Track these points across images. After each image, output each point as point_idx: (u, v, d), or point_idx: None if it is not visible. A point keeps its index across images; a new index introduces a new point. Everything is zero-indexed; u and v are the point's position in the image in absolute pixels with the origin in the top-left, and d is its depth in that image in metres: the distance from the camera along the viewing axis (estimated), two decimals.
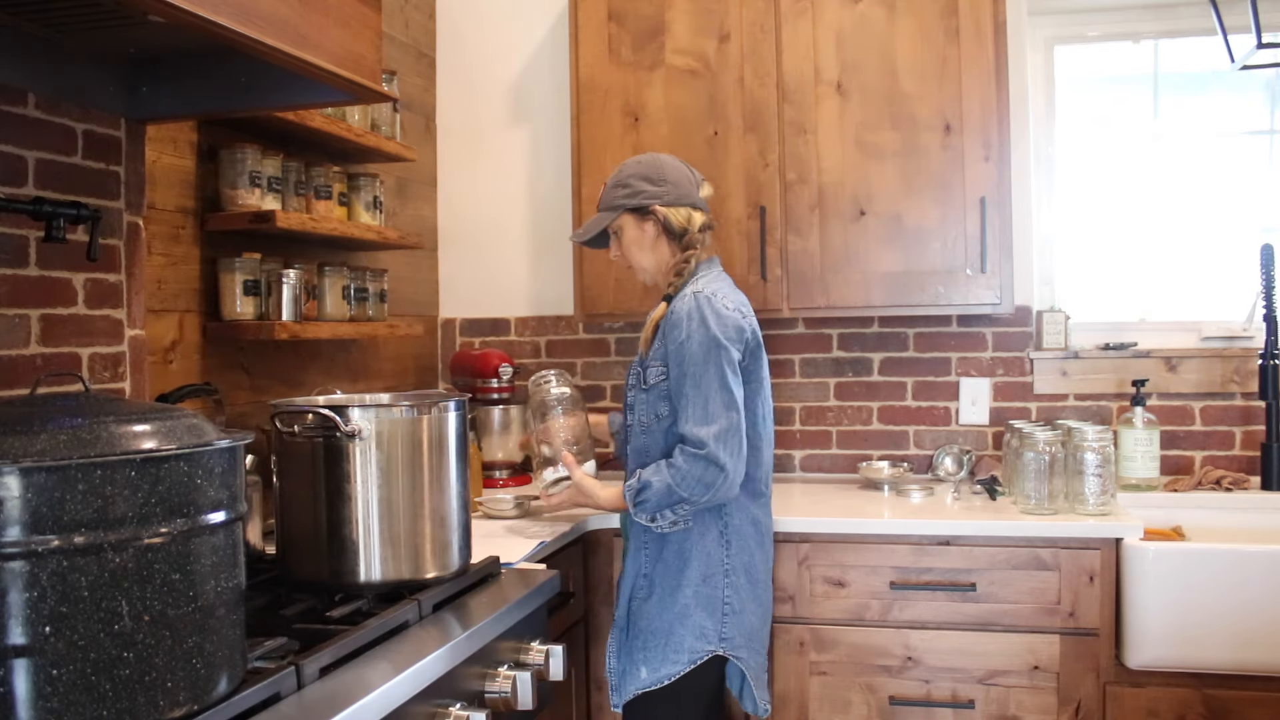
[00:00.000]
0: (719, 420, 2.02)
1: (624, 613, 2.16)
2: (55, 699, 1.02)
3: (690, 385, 2.03)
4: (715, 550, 2.10)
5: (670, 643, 2.07)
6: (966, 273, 2.65)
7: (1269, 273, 2.70)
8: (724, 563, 2.10)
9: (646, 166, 2.20)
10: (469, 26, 3.30)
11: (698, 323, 2.04)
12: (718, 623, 2.08)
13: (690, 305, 2.07)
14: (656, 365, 2.10)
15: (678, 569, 2.09)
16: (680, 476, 2.01)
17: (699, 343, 2.03)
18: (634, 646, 2.12)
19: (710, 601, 2.08)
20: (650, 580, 2.12)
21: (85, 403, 1.14)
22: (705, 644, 2.07)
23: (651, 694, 2.08)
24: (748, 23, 2.74)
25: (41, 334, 1.69)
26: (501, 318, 3.31)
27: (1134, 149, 3.07)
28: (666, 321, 2.10)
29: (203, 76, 1.80)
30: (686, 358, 2.04)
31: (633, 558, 2.17)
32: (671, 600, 2.09)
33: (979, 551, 2.38)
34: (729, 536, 2.11)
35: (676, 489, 2.01)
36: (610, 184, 2.22)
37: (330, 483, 1.66)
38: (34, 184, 1.67)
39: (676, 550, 2.10)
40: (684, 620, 2.07)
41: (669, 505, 2.04)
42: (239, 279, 2.18)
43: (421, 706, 1.42)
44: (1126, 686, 2.32)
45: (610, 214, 2.20)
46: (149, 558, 1.08)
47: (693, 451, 2.01)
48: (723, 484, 2.01)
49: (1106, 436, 2.46)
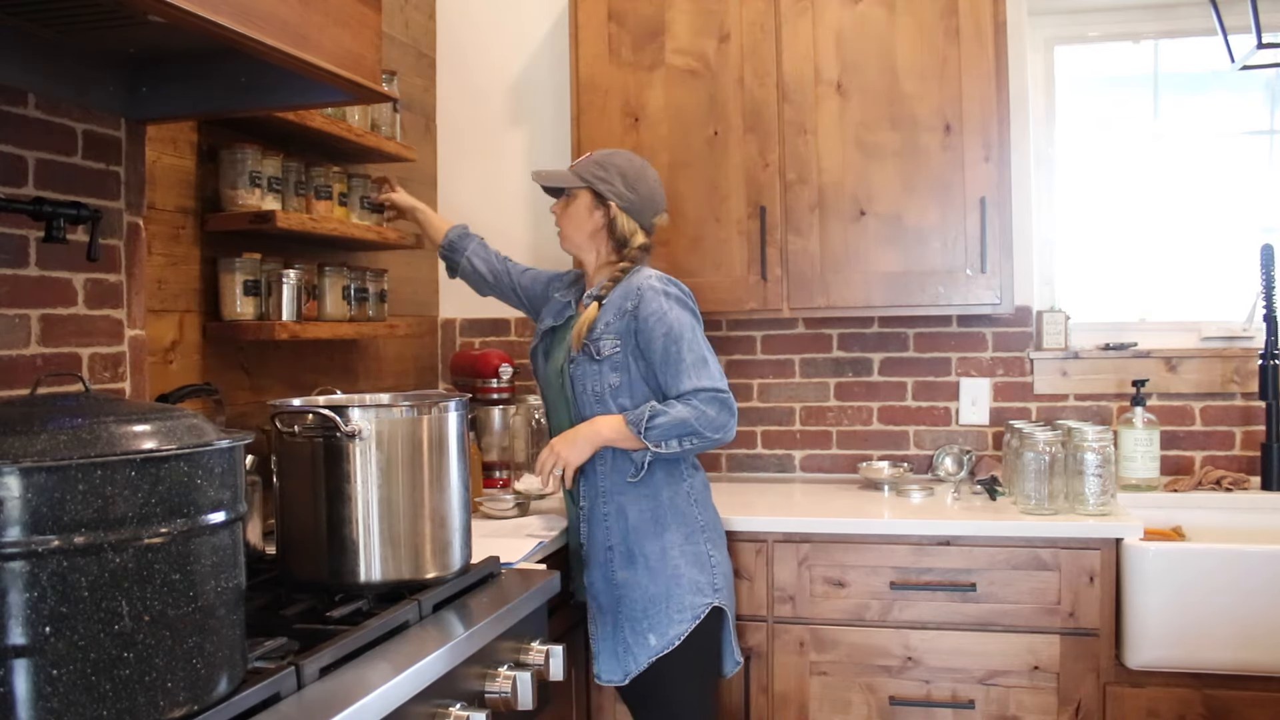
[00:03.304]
0: (721, 376, 2.16)
1: (604, 587, 2.19)
2: (55, 699, 1.02)
3: (685, 348, 2.14)
4: (687, 510, 2.20)
5: (671, 603, 2.14)
6: (966, 273, 2.65)
7: (1269, 273, 2.70)
8: (698, 519, 2.21)
9: (631, 166, 2.28)
10: (469, 26, 3.30)
11: (675, 296, 2.19)
12: (709, 575, 2.18)
13: (654, 284, 2.19)
14: (610, 338, 2.17)
15: (656, 534, 2.17)
16: (698, 414, 2.10)
17: (679, 313, 2.16)
18: (634, 617, 2.15)
19: (697, 558, 2.18)
20: (624, 551, 2.17)
21: (85, 403, 1.14)
22: (703, 597, 2.16)
23: (662, 661, 2.13)
24: (748, 23, 2.74)
25: (41, 334, 1.69)
26: (501, 318, 3.31)
27: (1134, 149, 3.06)
28: (625, 301, 2.18)
29: (203, 76, 1.80)
30: (672, 326, 2.14)
31: (594, 530, 2.21)
32: (661, 565, 2.15)
33: (979, 551, 2.38)
34: (694, 496, 2.23)
35: (693, 422, 2.10)
36: (595, 158, 2.29)
37: (330, 483, 1.66)
38: (34, 184, 1.67)
39: (650, 517, 2.17)
40: (678, 580, 2.15)
41: (681, 435, 2.11)
42: (239, 279, 2.18)
43: (421, 706, 1.42)
44: (1126, 687, 2.32)
45: (576, 180, 2.28)
46: (149, 558, 1.08)
47: (710, 395, 2.11)
48: (730, 428, 2.14)
49: (1106, 436, 2.46)
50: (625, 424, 2.13)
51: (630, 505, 2.18)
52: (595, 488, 2.21)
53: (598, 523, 2.21)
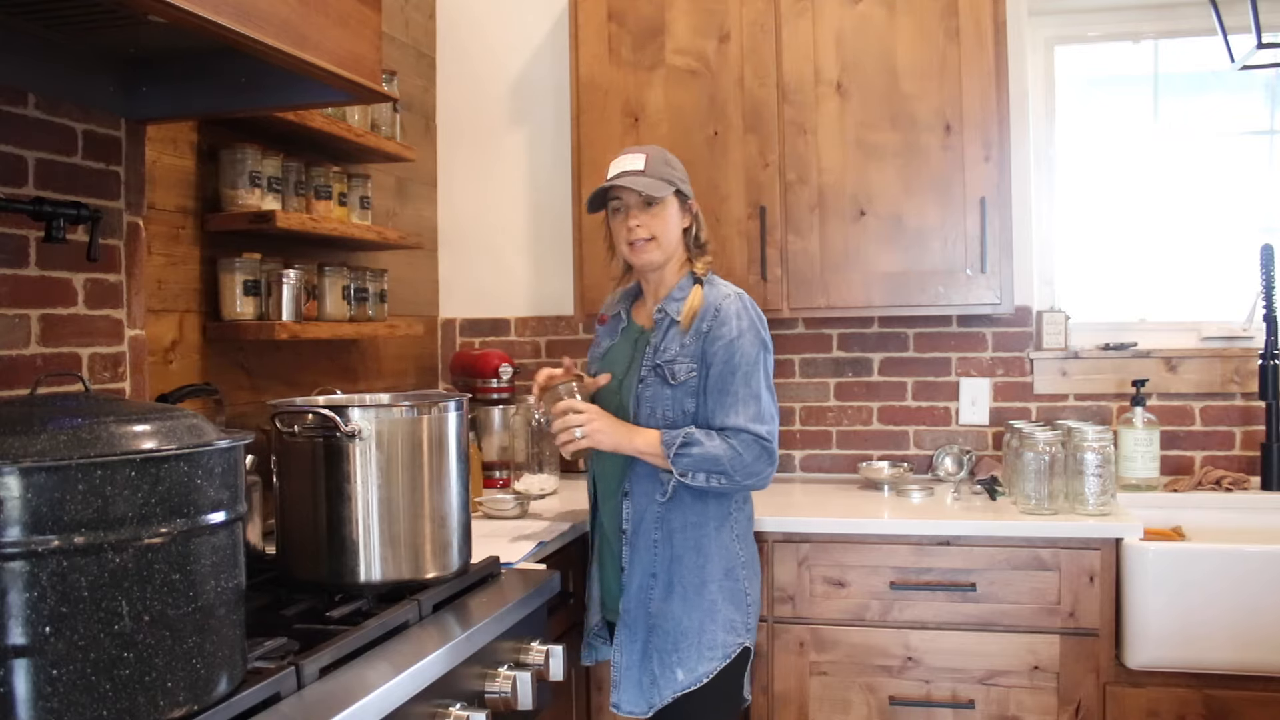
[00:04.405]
0: (773, 419, 2.08)
1: (639, 614, 2.11)
2: (55, 699, 1.02)
3: (740, 382, 2.05)
4: (731, 545, 2.12)
5: (704, 640, 2.07)
6: (966, 273, 2.65)
7: (1269, 273, 2.70)
8: (740, 555, 2.13)
9: (674, 158, 2.19)
10: (469, 26, 3.30)
11: (748, 323, 2.09)
12: (744, 615, 2.11)
13: (738, 306, 2.10)
14: (685, 362, 2.08)
15: (698, 566, 2.09)
16: (733, 455, 2.02)
17: (750, 342, 2.08)
18: (663, 649, 2.08)
19: (734, 595, 2.11)
20: (665, 580, 2.09)
21: (85, 403, 1.14)
22: (735, 637, 2.09)
23: (685, 697, 2.06)
24: (748, 23, 2.74)
25: (41, 334, 1.69)
26: (501, 318, 3.31)
27: (1134, 149, 3.06)
28: (700, 322, 2.09)
29: (203, 76, 1.80)
30: (738, 354, 2.06)
31: (640, 555, 2.12)
32: (698, 598, 2.08)
33: (979, 551, 2.38)
34: (738, 532, 2.15)
35: (725, 462, 2.01)
36: (659, 159, 2.13)
37: (330, 483, 1.66)
38: (34, 184, 1.67)
39: (694, 548, 2.09)
40: (713, 616, 2.08)
41: (710, 471, 2.02)
42: (239, 279, 2.18)
43: (421, 707, 1.42)
44: (1126, 686, 2.32)
45: (669, 185, 2.12)
46: (149, 558, 1.08)
47: (752, 438, 2.03)
48: (765, 477, 2.06)
49: (1106, 436, 2.46)
50: (659, 442, 2.04)
51: (677, 533, 2.09)
52: (643, 510, 2.12)
53: (644, 548, 2.11)
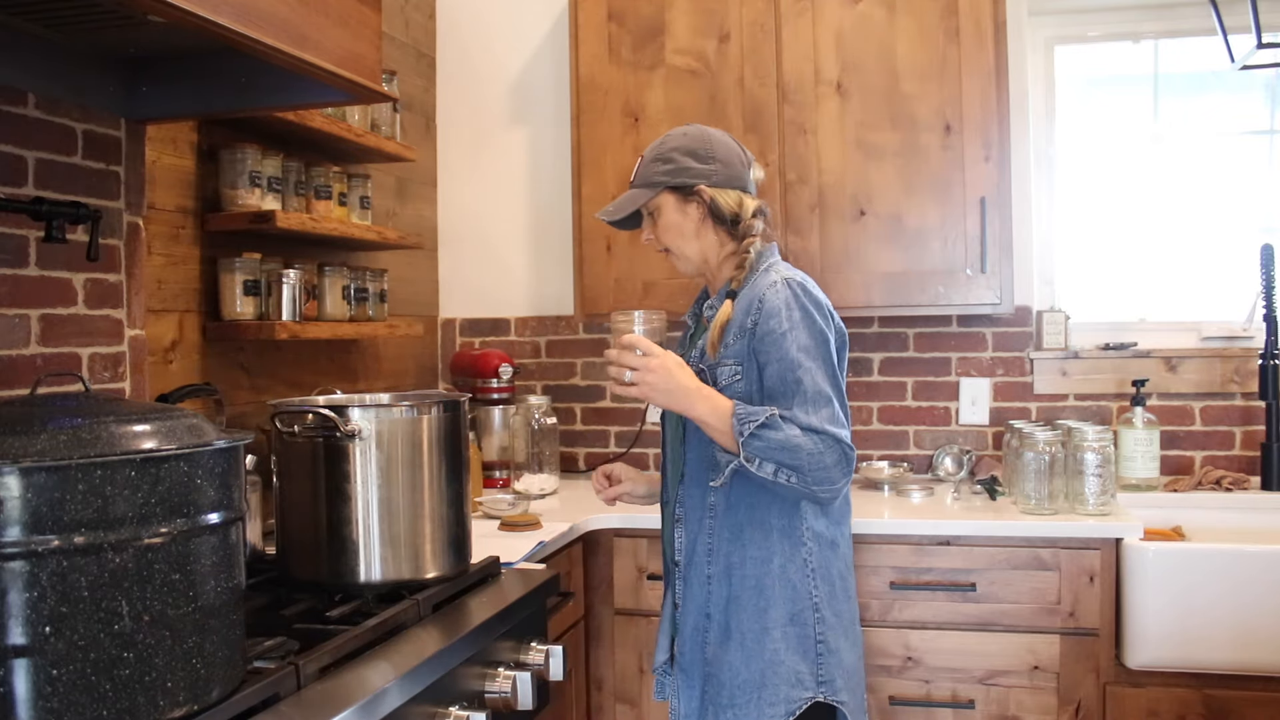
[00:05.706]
0: (844, 421, 1.78)
1: (695, 659, 1.88)
2: (55, 699, 1.02)
3: (806, 380, 1.75)
4: (801, 583, 1.82)
5: (764, 695, 1.79)
6: (966, 273, 2.65)
7: (1269, 273, 2.70)
8: (812, 596, 1.82)
9: (693, 140, 1.90)
10: (469, 26, 3.30)
11: (800, 314, 1.78)
12: (813, 665, 1.81)
13: (786, 295, 1.80)
14: (729, 365, 1.82)
15: (758, 609, 1.81)
16: (815, 454, 1.70)
17: (801, 332, 1.77)
18: (720, 703, 1.83)
19: (802, 642, 1.81)
20: (722, 623, 1.84)
21: (85, 403, 1.14)
22: (803, 691, 1.79)
23: None
24: (748, 23, 2.74)
25: (41, 334, 1.69)
26: (501, 318, 3.31)
27: (1134, 149, 3.06)
28: (745, 317, 1.82)
29: (203, 76, 1.80)
30: (789, 349, 1.76)
31: (693, 591, 1.88)
32: (758, 648, 1.81)
33: (979, 551, 2.38)
34: (812, 567, 1.83)
35: (805, 455, 1.70)
36: (649, 157, 1.93)
37: (330, 483, 1.66)
38: (34, 184, 1.67)
39: (754, 586, 1.82)
40: (775, 669, 1.80)
41: (782, 464, 1.71)
42: (239, 279, 2.18)
43: (421, 707, 1.42)
44: (1126, 687, 2.32)
45: (647, 191, 1.91)
46: (149, 558, 1.08)
47: (833, 440, 1.72)
48: (838, 490, 1.76)
49: (1106, 436, 2.46)
50: (730, 415, 1.73)
51: (736, 568, 1.82)
52: (695, 536, 1.88)
53: (698, 583, 1.87)
